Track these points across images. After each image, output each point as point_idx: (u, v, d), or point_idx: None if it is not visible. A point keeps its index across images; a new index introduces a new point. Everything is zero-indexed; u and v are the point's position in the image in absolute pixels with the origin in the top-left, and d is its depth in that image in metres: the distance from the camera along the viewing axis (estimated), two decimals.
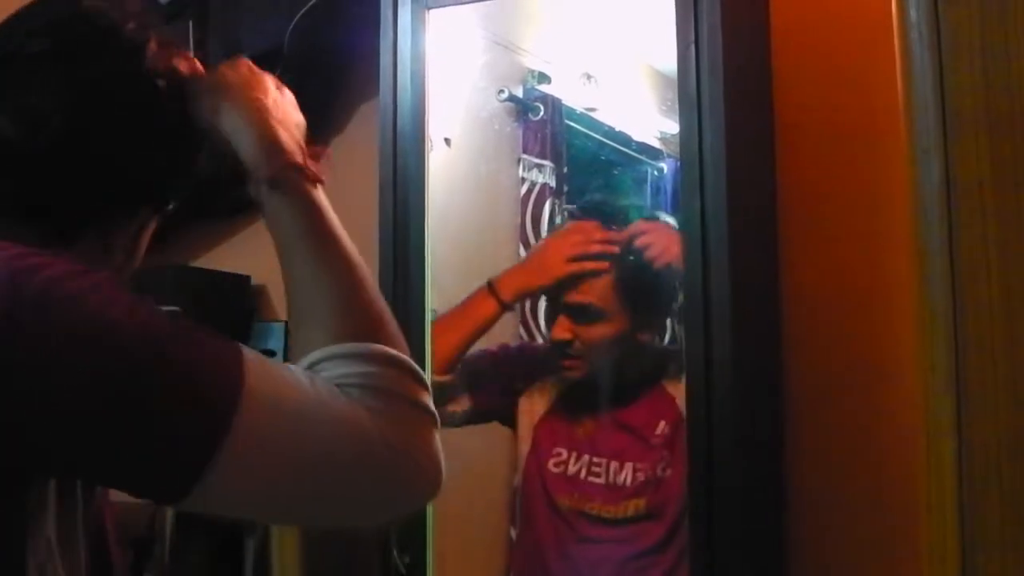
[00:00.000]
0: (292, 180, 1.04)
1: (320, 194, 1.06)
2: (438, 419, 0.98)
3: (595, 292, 1.87)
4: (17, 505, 0.91)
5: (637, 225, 1.91)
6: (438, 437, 0.97)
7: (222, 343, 0.92)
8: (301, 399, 0.91)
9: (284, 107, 1.13)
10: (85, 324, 0.88)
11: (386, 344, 0.97)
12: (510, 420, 1.98)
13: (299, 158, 1.06)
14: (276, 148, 1.06)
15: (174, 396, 0.88)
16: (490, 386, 1.99)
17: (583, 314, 1.87)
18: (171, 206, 1.12)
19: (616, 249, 1.90)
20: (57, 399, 0.86)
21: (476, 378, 1.97)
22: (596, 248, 1.91)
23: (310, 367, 0.95)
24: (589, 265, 1.89)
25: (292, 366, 0.95)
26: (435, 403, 1.63)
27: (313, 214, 1.04)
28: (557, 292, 1.91)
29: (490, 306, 1.93)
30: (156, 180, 1.08)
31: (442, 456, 0.96)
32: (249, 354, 0.92)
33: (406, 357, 0.98)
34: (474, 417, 1.97)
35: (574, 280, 1.89)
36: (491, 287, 1.93)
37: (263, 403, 0.89)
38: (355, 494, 0.93)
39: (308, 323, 0.99)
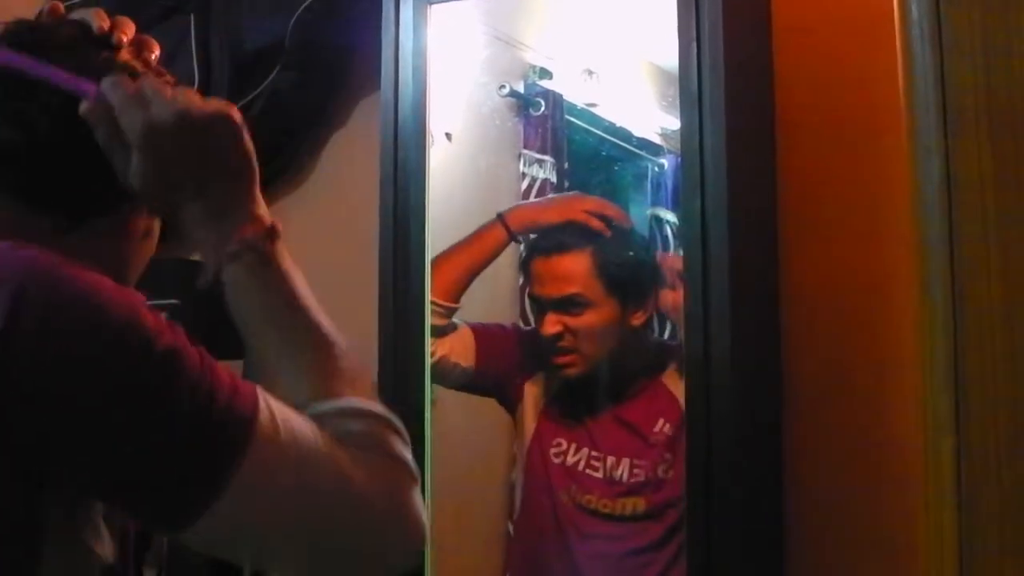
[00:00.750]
0: (246, 260, 1.00)
1: (279, 252, 1.01)
2: (416, 471, 0.99)
3: (577, 282, 1.87)
4: (36, 510, 0.91)
5: None
6: (417, 486, 0.98)
7: (240, 381, 0.93)
8: (307, 446, 0.92)
9: (223, 154, 1.02)
10: (110, 344, 0.89)
11: (364, 396, 0.98)
12: (509, 403, 1.98)
13: (248, 229, 1.00)
14: (224, 232, 1.00)
15: (191, 426, 0.89)
16: (498, 354, 2.00)
17: (569, 305, 1.87)
18: None
19: (629, 225, 1.94)
20: (75, 417, 0.87)
21: (486, 333, 1.98)
22: (612, 212, 1.92)
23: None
24: (596, 223, 1.90)
25: (299, 415, 0.95)
26: (437, 331, 1.75)
27: (276, 283, 1.01)
28: (560, 232, 1.93)
29: (499, 234, 1.95)
30: None
31: (423, 513, 0.97)
32: (263, 395, 0.93)
33: (389, 413, 0.99)
34: (475, 381, 1.96)
35: (576, 232, 1.91)
36: (501, 218, 1.95)
37: (272, 445, 0.90)
38: (345, 544, 0.94)
39: (286, 379, 0.98)
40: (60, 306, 0.89)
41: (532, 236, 2.00)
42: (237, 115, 1.03)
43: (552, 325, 1.87)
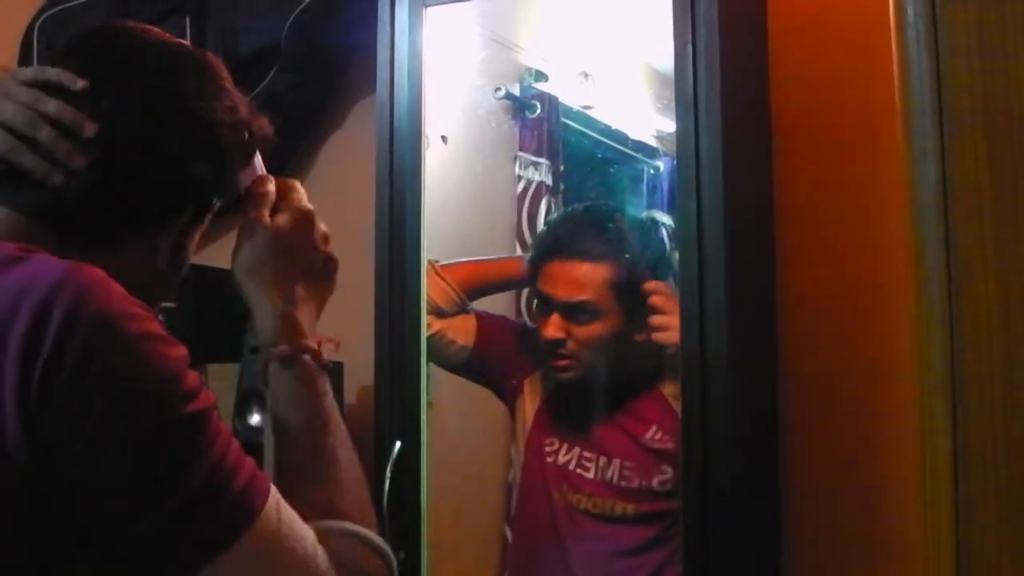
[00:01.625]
0: (303, 363, 1.11)
1: (324, 378, 1.12)
2: None
3: (591, 290, 1.86)
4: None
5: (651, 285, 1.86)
6: None
7: (260, 473, 0.96)
8: (299, 553, 0.95)
9: (315, 281, 1.18)
10: (149, 401, 0.90)
11: (361, 512, 1.05)
12: (507, 397, 1.98)
13: (312, 343, 1.12)
14: (293, 331, 1.12)
15: (201, 495, 0.90)
16: (499, 341, 2.00)
17: (580, 312, 1.86)
18: (217, 205, 1.14)
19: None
20: (92, 458, 0.88)
21: (490, 319, 1.98)
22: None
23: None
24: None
25: (302, 522, 0.98)
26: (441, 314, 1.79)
27: (318, 396, 1.10)
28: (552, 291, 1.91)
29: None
30: (196, 184, 1.09)
31: None
32: (276, 495, 0.96)
33: (378, 539, 1.04)
34: (472, 361, 1.96)
35: (599, 241, 1.91)
36: None
37: (268, 541, 0.93)
38: None
39: (306, 490, 1.03)
40: (109, 348, 0.89)
41: (550, 238, 2.01)
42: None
43: (555, 329, 1.87)
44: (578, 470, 1.87)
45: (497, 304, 2.04)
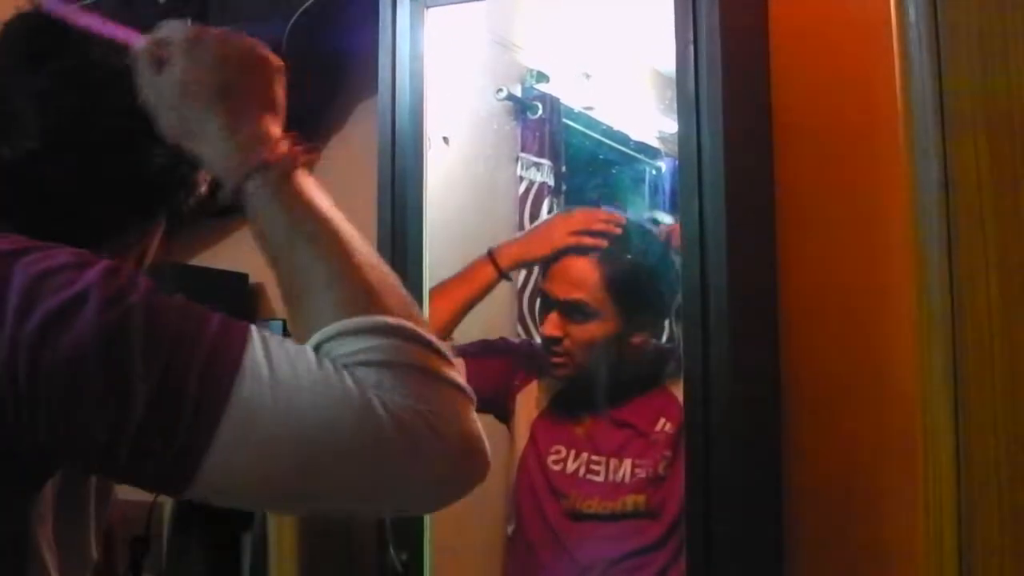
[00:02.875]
0: (265, 180, 0.96)
1: (301, 177, 0.98)
2: (467, 390, 0.91)
3: (586, 289, 1.87)
4: (27, 503, 0.90)
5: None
6: (469, 408, 0.91)
7: (229, 321, 0.89)
8: (301, 376, 0.86)
9: (253, 82, 1.04)
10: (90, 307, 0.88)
11: (394, 312, 0.90)
12: (505, 415, 1.97)
13: (267, 152, 0.97)
14: (240, 153, 0.97)
15: (173, 373, 0.85)
16: (486, 371, 1.98)
17: (575, 312, 1.87)
18: (163, 218, 1.12)
19: (619, 231, 1.92)
20: (59, 380, 0.85)
21: (474, 357, 1.97)
22: (600, 226, 1.91)
23: (317, 347, 0.89)
24: (588, 240, 1.90)
25: (298, 346, 0.89)
26: None
27: (296, 202, 0.96)
28: (553, 263, 1.92)
29: (488, 272, 1.94)
30: (154, 202, 1.08)
31: (477, 429, 0.90)
32: (256, 331, 0.89)
33: (416, 327, 0.90)
34: None
35: (571, 252, 1.90)
36: (490, 254, 1.94)
37: (262, 380, 0.85)
38: (362, 472, 0.88)
39: (309, 300, 0.93)
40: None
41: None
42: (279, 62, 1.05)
43: (553, 327, 1.88)
44: (588, 476, 1.87)
45: (496, 305, 2.04)
